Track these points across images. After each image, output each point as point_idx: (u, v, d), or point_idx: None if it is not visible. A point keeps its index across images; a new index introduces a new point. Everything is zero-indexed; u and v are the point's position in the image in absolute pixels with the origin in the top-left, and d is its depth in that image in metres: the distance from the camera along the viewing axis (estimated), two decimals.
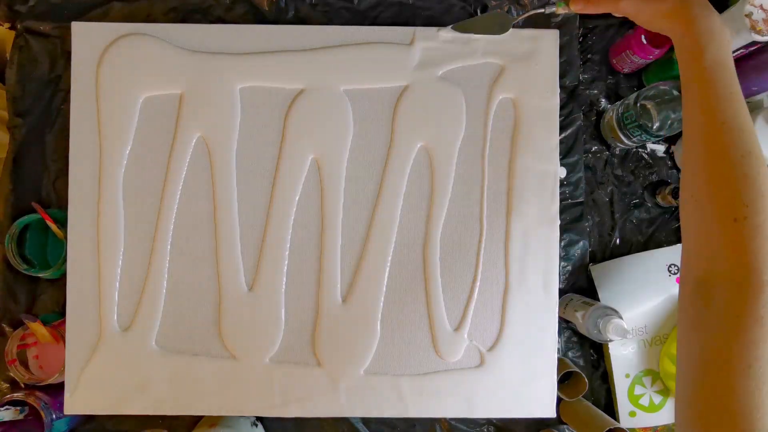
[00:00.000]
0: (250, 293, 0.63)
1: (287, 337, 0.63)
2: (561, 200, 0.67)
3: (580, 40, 0.73)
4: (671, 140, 0.73)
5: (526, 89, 0.64)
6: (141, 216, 0.63)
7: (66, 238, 0.63)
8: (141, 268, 0.63)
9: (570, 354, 0.72)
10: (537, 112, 0.64)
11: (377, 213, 0.63)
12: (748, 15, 0.56)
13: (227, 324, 0.62)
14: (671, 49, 0.68)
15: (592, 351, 0.73)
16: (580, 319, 0.64)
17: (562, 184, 0.70)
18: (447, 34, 0.64)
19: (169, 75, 0.63)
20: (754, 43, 0.58)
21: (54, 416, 0.63)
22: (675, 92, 0.59)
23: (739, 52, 0.61)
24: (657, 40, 0.66)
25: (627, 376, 0.71)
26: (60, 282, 0.68)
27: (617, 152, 0.74)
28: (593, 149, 0.73)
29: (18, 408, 0.63)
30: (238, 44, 0.63)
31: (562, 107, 0.67)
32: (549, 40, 0.64)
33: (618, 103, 0.68)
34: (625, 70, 0.72)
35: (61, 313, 0.68)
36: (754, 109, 0.66)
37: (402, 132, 0.63)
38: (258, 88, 0.64)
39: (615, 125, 0.68)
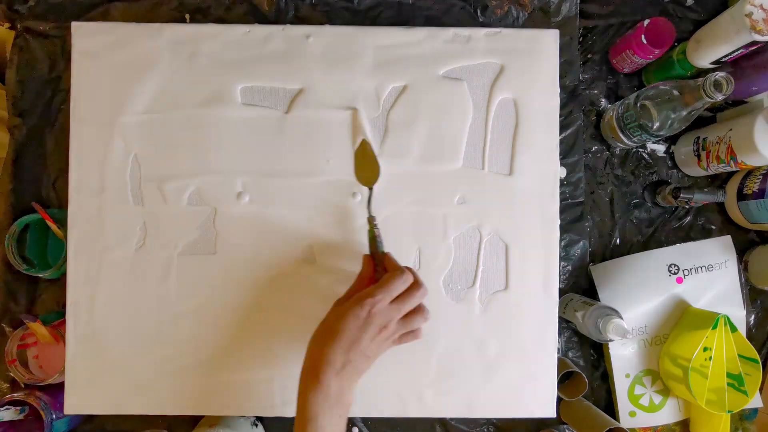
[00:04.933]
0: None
1: (289, 341, 0.63)
2: (561, 200, 0.67)
3: (580, 40, 0.73)
4: (671, 140, 0.73)
5: (526, 89, 0.64)
6: (141, 216, 0.63)
7: (66, 238, 0.63)
8: (141, 267, 0.63)
9: (570, 354, 0.72)
10: (537, 112, 0.64)
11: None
12: (748, 15, 0.56)
13: (228, 323, 0.63)
14: (671, 48, 0.68)
15: (592, 351, 0.73)
16: (580, 319, 0.64)
17: (562, 184, 0.70)
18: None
19: (169, 75, 0.63)
20: (754, 42, 0.58)
21: (54, 416, 0.63)
22: (675, 92, 0.59)
23: (739, 52, 0.61)
24: (657, 40, 0.66)
25: (627, 376, 0.71)
26: (60, 282, 0.69)
27: (617, 152, 0.74)
28: (593, 149, 0.73)
29: (18, 408, 0.63)
30: (238, 44, 0.63)
31: (562, 107, 0.67)
32: (549, 40, 0.64)
33: (618, 103, 0.68)
34: (625, 70, 0.72)
35: (61, 313, 0.68)
36: (754, 109, 0.66)
37: (401, 131, 0.63)
38: (258, 88, 0.63)
39: (615, 125, 0.68)
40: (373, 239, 0.59)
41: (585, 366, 0.73)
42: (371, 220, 0.59)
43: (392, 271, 0.55)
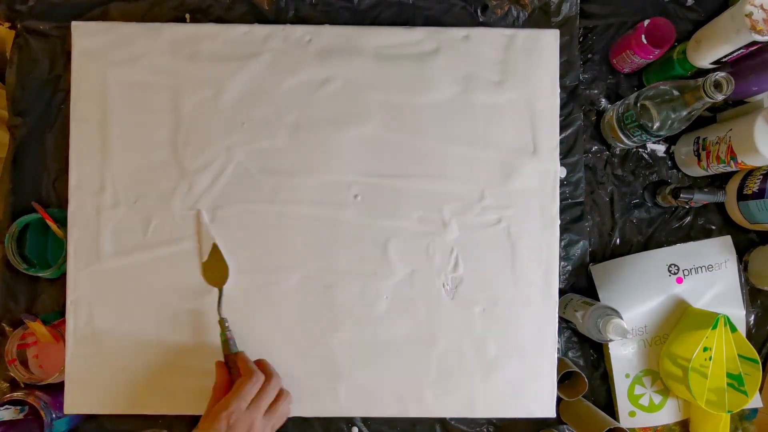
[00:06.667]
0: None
1: (289, 341, 0.63)
2: (561, 200, 0.67)
3: (581, 39, 0.73)
4: (671, 140, 0.73)
5: (526, 89, 0.64)
6: (141, 216, 0.63)
7: (66, 237, 0.63)
8: (141, 268, 0.63)
9: (570, 354, 0.72)
10: (537, 112, 0.64)
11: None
12: (749, 15, 0.56)
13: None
14: (671, 48, 0.68)
15: (592, 351, 0.73)
16: (580, 319, 0.64)
17: (562, 184, 0.70)
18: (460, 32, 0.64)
19: (170, 75, 0.63)
20: (754, 42, 0.58)
21: (54, 416, 0.63)
22: (675, 92, 0.59)
23: (739, 52, 0.61)
24: (657, 40, 0.66)
25: (627, 376, 0.71)
26: (60, 282, 0.68)
27: (617, 152, 0.74)
28: (593, 149, 0.73)
29: (18, 408, 0.63)
30: (238, 44, 0.63)
31: (562, 107, 0.67)
32: (549, 39, 0.64)
33: (618, 103, 0.68)
34: (626, 70, 0.72)
35: (61, 313, 0.68)
36: (754, 109, 0.66)
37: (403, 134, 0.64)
38: (258, 87, 0.63)
39: (615, 125, 0.68)
40: (225, 342, 0.59)
41: (585, 366, 0.73)
42: (222, 322, 0.59)
43: (243, 375, 0.55)
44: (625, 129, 0.66)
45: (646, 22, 0.65)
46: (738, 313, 0.71)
